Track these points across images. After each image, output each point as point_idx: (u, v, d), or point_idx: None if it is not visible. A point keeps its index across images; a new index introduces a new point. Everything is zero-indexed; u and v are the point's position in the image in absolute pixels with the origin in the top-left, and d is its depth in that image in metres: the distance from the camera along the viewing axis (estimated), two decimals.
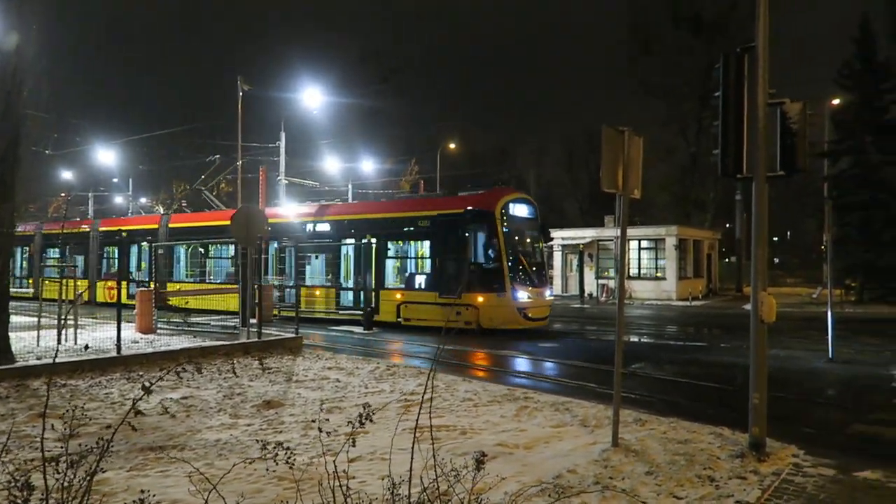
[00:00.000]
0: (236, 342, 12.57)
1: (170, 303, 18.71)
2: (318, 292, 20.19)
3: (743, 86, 6.10)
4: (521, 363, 12.79)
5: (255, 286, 14.69)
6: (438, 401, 8.12)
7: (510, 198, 17.36)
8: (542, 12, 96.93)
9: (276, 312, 19.19)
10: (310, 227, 20.40)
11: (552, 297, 18.77)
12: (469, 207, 16.90)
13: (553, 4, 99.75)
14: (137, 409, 6.79)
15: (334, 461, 3.07)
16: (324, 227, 20.17)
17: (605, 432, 6.47)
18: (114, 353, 10.74)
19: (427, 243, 17.99)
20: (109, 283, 24.59)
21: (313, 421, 6.98)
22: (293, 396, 8.45)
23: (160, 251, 22.86)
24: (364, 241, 19.00)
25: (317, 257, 21.18)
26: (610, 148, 6.14)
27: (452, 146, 47.84)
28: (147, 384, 3.06)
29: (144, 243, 24.95)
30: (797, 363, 12.09)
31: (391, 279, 18.99)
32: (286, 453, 3.23)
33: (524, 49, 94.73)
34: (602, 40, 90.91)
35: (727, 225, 47.92)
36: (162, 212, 39.91)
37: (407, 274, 18.74)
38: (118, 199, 48.62)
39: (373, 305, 18.41)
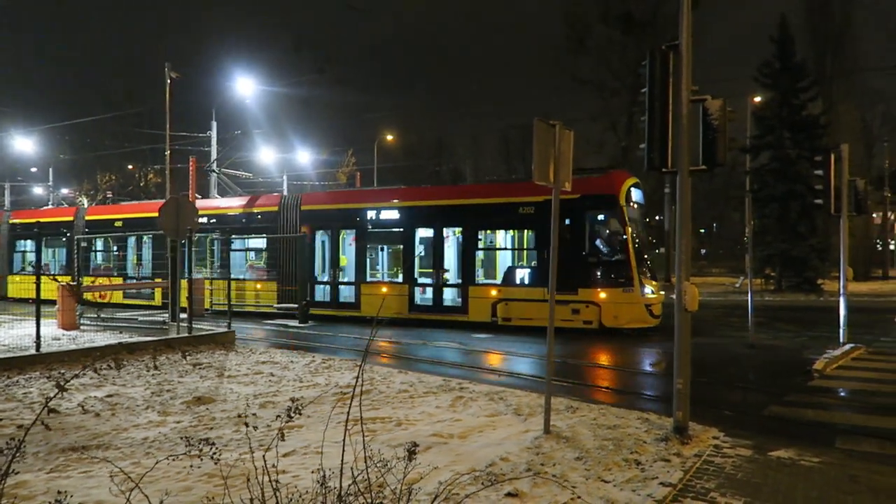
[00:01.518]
0: (165, 338, 12.20)
1: (91, 298, 17.91)
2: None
3: (668, 83, 6.30)
4: (457, 355, 12.88)
5: (187, 280, 14.28)
6: (374, 393, 8.12)
7: (631, 182, 15.47)
8: (480, 5, 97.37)
9: (207, 306, 18.70)
10: (372, 214, 17.92)
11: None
12: (588, 192, 14.60)
13: None
14: (55, 408, 6.52)
15: (263, 456, 3.03)
16: (391, 215, 17.65)
17: (538, 420, 6.61)
18: (33, 351, 10.25)
19: (530, 233, 16.07)
20: (23, 278, 23.42)
21: (246, 416, 6.87)
22: (225, 392, 8.27)
23: (83, 244, 21.88)
24: (451, 230, 17.07)
25: (382, 249, 19.84)
26: (541, 141, 6.25)
27: (390, 138, 47.58)
28: (63, 382, 2.93)
29: (63, 237, 23.79)
30: (720, 349, 12.62)
31: (483, 274, 17.25)
32: (212, 449, 3.16)
33: (461, 41, 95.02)
34: (538, 34, 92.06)
35: (657, 217, 49.46)
36: (86, 203, 38.20)
37: (505, 268, 16.74)
38: (38, 190, 46.24)
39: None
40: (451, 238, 17.35)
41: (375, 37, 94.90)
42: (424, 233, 17.57)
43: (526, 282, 15.84)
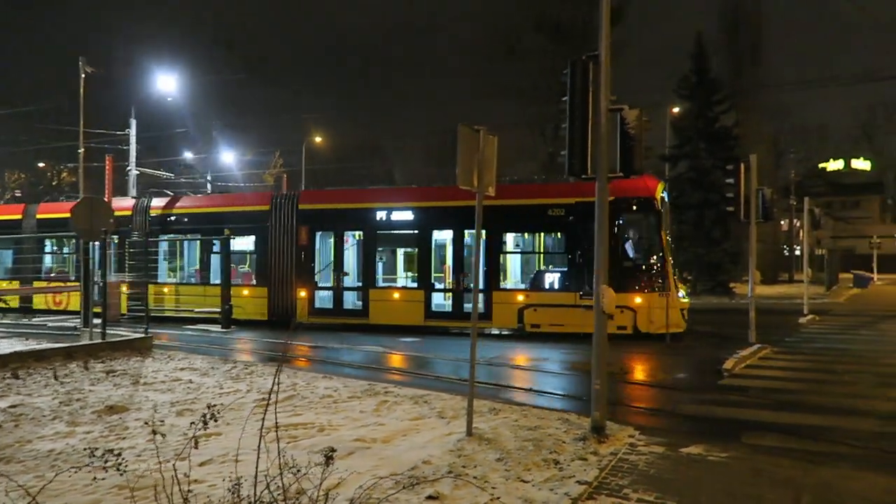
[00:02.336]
0: (77, 344, 11.64)
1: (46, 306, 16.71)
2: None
3: (588, 92, 6.50)
4: (384, 358, 12.84)
5: (100, 283, 13.66)
6: (297, 399, 8.00)
7: (663, 185, 15.31)
8: (409, 10, 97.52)
9: (124, 311, 17.93)
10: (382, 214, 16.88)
11: None
12: (622, 194, 14.04)
13: (420, 3, 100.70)
14: None
15: (174, 465, 2.94)
16: (405, 216, 16.58)
17: (461, 423, 6.66)
18: None
19: (562, 235, 15.62)
20: None
21: (161, 424, 6.63)
22: (140, 400, 7.96)
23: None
24: (473, 232, 16.55)
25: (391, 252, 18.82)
26: (466, 146, 6.33)
27: (318, 139, 46.97)
28: None
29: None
30: (638, 351, 13.05)
31: (509, 278, 16.60)
32: (118, 459, 3.04)
33: (393, 45, 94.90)
34: (469, 39, 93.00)
35: None
36: None
37: (534, 272, 16.14)
38: None
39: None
40: (473, 241, 16.79)
41: (304, 38, 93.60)
42: (443, 235, 16.70)
43: (556, 286, 15.27)
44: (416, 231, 16.47)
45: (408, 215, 16.26)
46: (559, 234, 15.67)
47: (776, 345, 13.13)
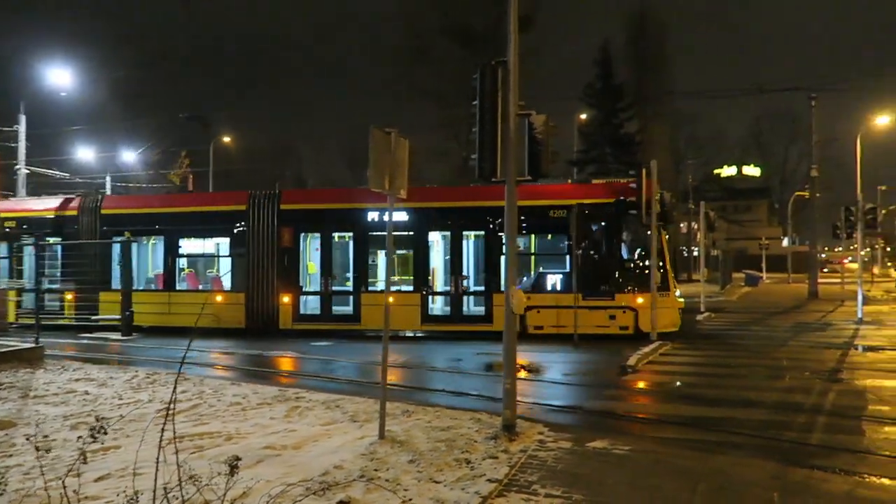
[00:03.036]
0: None
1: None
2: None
3: (497, 97, 6.63)
4: (295, 363, 12.59)
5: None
6: (204, 407, 7.73)
7: (660, 190, 14.82)
8: (322, 10, 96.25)
9: (12, 319, 16.71)
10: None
11: None
12: (624, 196, 14.42)
13: (329, 3, 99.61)
14: None
15: (62, 482, 2.77)
16: (400, 217, 15.30)
17: (374, 426, 6.61)
18: None
19: (563, 237, 15.12)
20: None
21: (52, 440, 6.24)
22: (30, 414, 7.45)
23: None
24: (472, 234, 16.05)
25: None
26: (377, 149, 6.30)
27: (227, 139, 45.52)
28: None
29: None
30: (548, 350, 13.37)
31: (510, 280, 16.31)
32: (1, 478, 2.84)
33: (305, 45, 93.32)
34: (383, 41, 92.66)
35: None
36: None
37: (536, 273, 15.73)
38: None
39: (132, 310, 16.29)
40: (472, 243, 16.29)
41: (211, 38, 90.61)
42: (441, 237, 16.36)
43: (558, 288, 15.08)
44: (411, 232, 15.75)
45: (403, 216, 15.22)
46: (561, 235, 15.24)
47: (675, 341, 13.81)
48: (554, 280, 15.29)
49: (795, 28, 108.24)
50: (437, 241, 16.39)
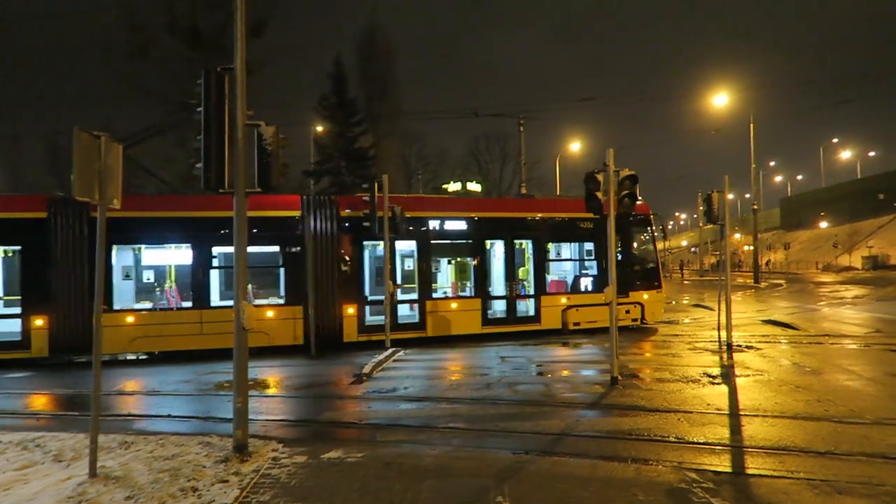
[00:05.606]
0: None
1: None
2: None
3: (224, 104, 6.38)
4: None
5: None
6: None
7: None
8: None
9: None
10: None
11: None
12: (633, 211, 13.79)
13: None
14: None
15: None
16: (460, 226, 16.33)
17: (84, 464, 5.91)
18: None
19: (593, 245, 17.53)
20: None
21: None
22: None
23: None
24: (522, 242, 17.18)
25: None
26: (83, 154, 5.65)
27: None
28: None
29: None
30: (284, 364, 13.16)
31: (553, 283, 17.71)
32: None
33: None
34: (99, 34, 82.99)
35: None
36: None
37: (573, 277, 18.01)
38: None
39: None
40: (522, 250, 17.41)
41: None
42: (496, 245, 17.17)
43: (591, 288, 17.23)
44: (470, 241, 16.58)
45: (461, 225, 16.31)
46: (591, 243, 17.64)
47: (408, 347, 14.53)
48: (587, 282, 17.72)
49: (508, 61, 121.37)
50: (492, 248, 17.35)
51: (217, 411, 8.91)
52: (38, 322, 13.56)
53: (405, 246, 16.32)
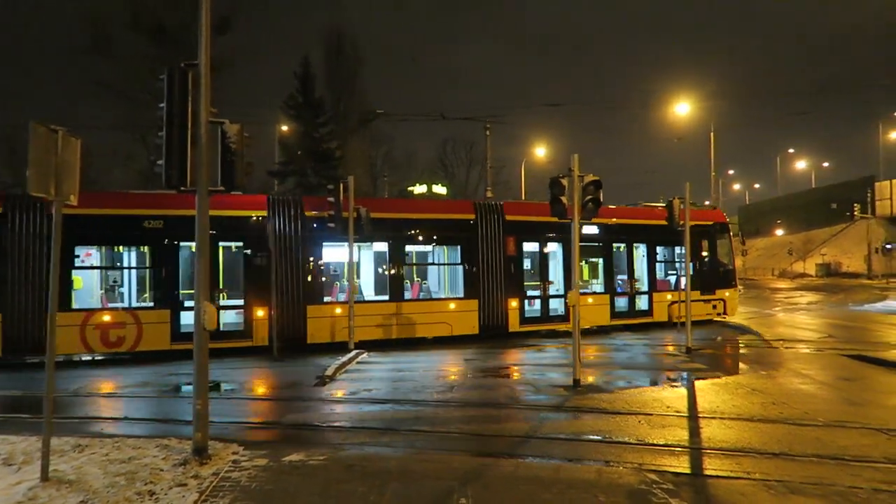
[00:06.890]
0: None
1: None
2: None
3: (187, 101, 6.27)
4: None
5: None
6: None
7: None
8: None
9: None
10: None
11: None
12: (715, 220, 20.75)
13: None
14: None
15: None
16: (593, 231, 18.00)
17: (35, 467, 5.73)
18: None
19: (692, 247, 18.21)
20: None
21: None
22: None
23: None
24: (639, 245, 19.38)
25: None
26: (40, 148, 5.50)
27: None
28: None
29: None
30: (241, 366, 12.96)
31: (661, 282, 19.86)
32: None
33: None
34: (57, 26, 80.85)
35: None
36: None
37: (675, 277, 19.93)
38: None
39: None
40: (638, 252, 19.47)
41: None
42: (620, 247, 19.11)
43: (682, 287, 18.27)
44: (600, 244, 18.63)
45: (593, 230, 17.82)
46: (683, 247, 18.28)
47: (371, 349, 14.44)
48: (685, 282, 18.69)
49: (476, 67, 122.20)
50: (617, 251, 19.20)
51: (177, 413, 8.74)
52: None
53: (551, 248, 18.31)
